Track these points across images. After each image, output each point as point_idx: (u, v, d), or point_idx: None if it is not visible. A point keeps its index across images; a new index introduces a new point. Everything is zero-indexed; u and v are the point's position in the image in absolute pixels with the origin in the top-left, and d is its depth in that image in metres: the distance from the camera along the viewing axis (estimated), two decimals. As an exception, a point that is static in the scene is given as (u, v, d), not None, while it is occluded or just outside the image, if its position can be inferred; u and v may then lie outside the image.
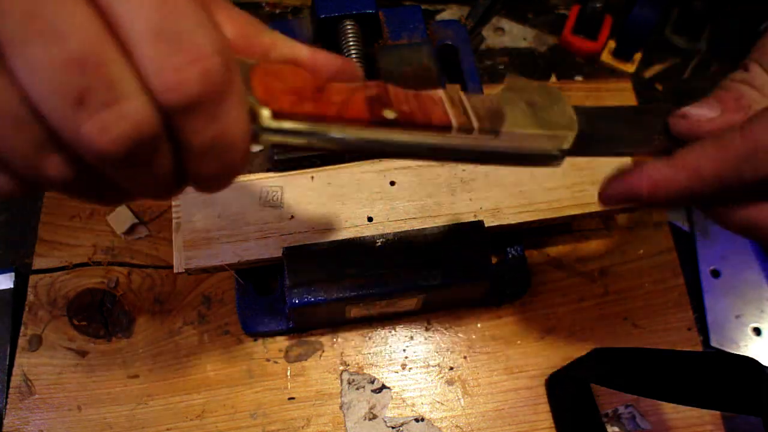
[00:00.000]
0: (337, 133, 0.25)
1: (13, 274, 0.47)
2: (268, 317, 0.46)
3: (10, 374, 0.44)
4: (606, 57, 0.60)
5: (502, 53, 0.60)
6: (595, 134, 0.30)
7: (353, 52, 0.48)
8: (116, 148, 0.18)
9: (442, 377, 0.46)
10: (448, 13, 0.61)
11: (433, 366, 0.46)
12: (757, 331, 0.50)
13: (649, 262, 0.51)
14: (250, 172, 0.47)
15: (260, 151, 0.50)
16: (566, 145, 0.28)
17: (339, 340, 0.47)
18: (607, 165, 0.46)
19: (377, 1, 0.49)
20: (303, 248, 0.42)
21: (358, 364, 0.46)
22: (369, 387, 0.45)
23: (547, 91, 0.29)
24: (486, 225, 0.43)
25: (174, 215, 0.44)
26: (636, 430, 0.45)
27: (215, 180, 0.23)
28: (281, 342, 0.46)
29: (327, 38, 0.50)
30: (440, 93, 0.27)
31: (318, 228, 0.43)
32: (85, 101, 0.17)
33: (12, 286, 0.47)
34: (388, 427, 0.44)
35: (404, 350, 0.47)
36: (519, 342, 0.47)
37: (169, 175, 0.21)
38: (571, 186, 0.45)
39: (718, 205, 0.27)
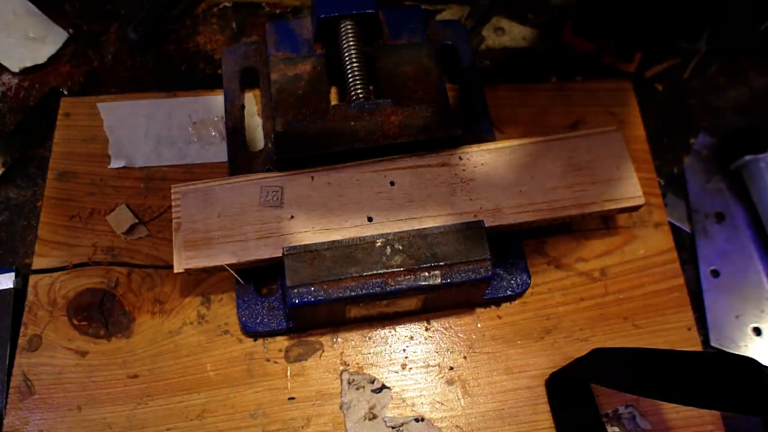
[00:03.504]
0: None
1: (13, 274, 0.47)
2: (268, 317, 0.46)
3: (10, 374, 0.44)
4: (606, 57, 0.60)
5: (502, 53, 0.60)
6: None
7: (353, 52, 0.48)
8: None
9: (442, 377, 0.46)
10: (448, 13, 0.61)
11: (433, 366, 0.46)
12: (757, 331, 0.50)
13: (649, 262, 0.51)
14: (250, 171, 0.47)
15: (260, 150, 0.50)
16: None
17: (339, 340, 0.47)
18: (606, 166, 0.46)
19: (377, 1, 0.49)
20: (303, 248, 0.42)
21: (358, 364, 0.46)
22: (369, 387, 0.45)
23: None
24: (486, 225, 0.43)
25: (174, 215, 0.44)
26: (636, 430, 0.45)
27: None
28: (281, 342, 0.46)
29: (327, 38, 0.50)
30: None
31: (318, 228, 0.43)
32: None
33: (12, 286, 0.47)
34: (388, 427, 0.44)
35: (404, 350, 0.47)
36: (519, 342, 0.47)
37: None
38: (571, 186, 0.45)
39: None
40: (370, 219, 0.43)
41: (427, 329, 0.48)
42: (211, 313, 0.47)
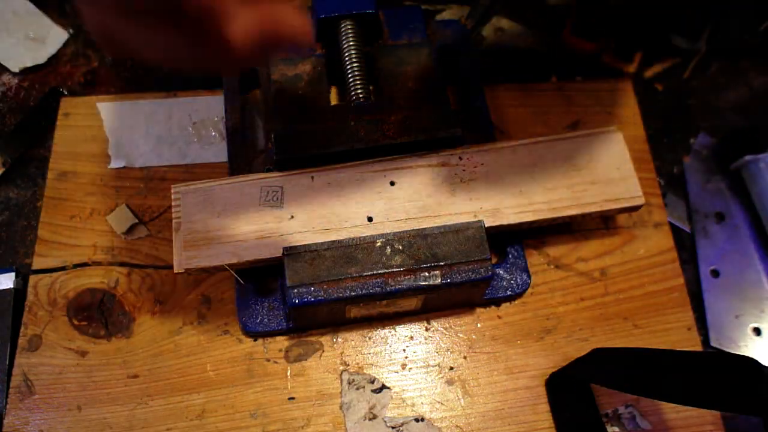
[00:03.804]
0: None
1: (13, 274, 0.47)
2: (268, 317, 0.46)
3: (10, 374, 0.44)
4: (606, 57, 0.60)
5: (502, 53, 0.60)
6: None
7: (353, 52, 0.48)
8: None
9: (442, 377, 0.46)
10: (448, 13, 0.61)
11: (433, 366, 0.46)
12: (757, 331, 0.50)
13: (649, 262, 0.51)
14: (250, 171, 0.47)
15: (260, 150, 0.50)
16: None
17: (339, 340, 0.47)
18: (606, 166, 0.46)
19: (377, 1, 0.49)
20: (303, 248, 0.42)
21: (358, 364, 0.46)
22: (369, 387, 0.45)
23: None
24: (486, 225, 0.43)
25: (174, 215, 0.44)
26: (636, 430, 0.45)
27: None
28: (281, 342, 0.46)
29: (327, 38, 0.50)
30: None
31: (318, 228, 0.43)
32: None
33: (12, 286, 0.47)
34: (388, 427, 0.44)
35: (404, 350, 0.47)
36: (519, 342, 0.47)
37: None
38: (571, 186, 0.45)
39: None
40: (370, 219, 0.43)
41: (427, 329, 0.48)
42: (211, 313, 0.47)
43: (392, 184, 0.45)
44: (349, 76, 0.47)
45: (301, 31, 0.28)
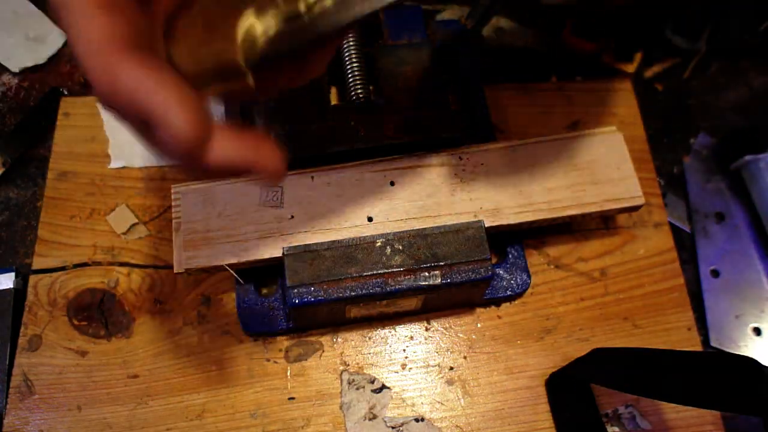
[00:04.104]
0: None
1: (13, 274, 0.47)
2: (268, 317, 0.46)
3: (10, 374, 0.44)
4: (606, 57, 0.60)
5: (502, 53, 0.60)
6: None
7: (353, 52, 0.48)
8: None
9: (442, 377, 0.46)
10: (448, 13, 0.61)
11: (433, 366, 0.46)
12: (757, 331, 0.50)
13: (649, 262, 0.51)
14: (250, 172, 0.47)
15: (260, 151, 0.50)
16: None
17: (339, 340, 0.47)
18: (606, 166, 0.46)
19: (377, 1, 0.49)
20: (303, 248, 0.42)
21: (358, 364, 0.46)
22: (369, 387, 0.45)
23: None
24: (486, 225, 0.43)
25: (174, 215, 0.44)
26: (636, 430, 0.45)
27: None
28: (281, 342, 0.46)
29: (327, 38, 0.50)
30: None
31: (318, 228, 0.43)
32: None
33: (12, 286, 0.47)
34: (388, 427, 0.44)
35: (404, 350, 0.47)
36: (519, 342, 0.47)
37: None
38: (571, 186, 0.45)
39: None
40: (370, 219, 0.43)
41: (427, 329, 0.48)
42: (211, 313, 0.47)
43: (392, 184, 0.45)
44: (349, 76, 0.47)
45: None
